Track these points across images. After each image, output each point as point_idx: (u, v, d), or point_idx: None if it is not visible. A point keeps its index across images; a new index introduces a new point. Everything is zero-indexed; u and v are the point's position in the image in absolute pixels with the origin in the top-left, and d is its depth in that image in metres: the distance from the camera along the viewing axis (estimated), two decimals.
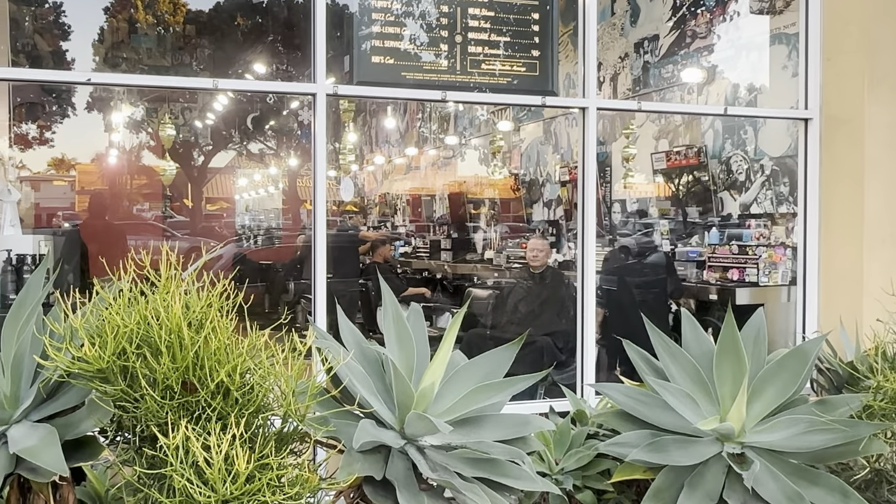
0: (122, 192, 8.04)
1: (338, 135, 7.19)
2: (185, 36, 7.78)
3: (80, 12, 7.91)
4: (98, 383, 2.33)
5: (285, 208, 9.82)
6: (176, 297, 2.37)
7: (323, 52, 3.85)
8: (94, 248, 5.09)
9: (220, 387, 2.30)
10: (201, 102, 8.40)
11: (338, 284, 3.82)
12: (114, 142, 8.19)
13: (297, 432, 2.37)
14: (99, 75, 6.02)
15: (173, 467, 2.10)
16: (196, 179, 9.70)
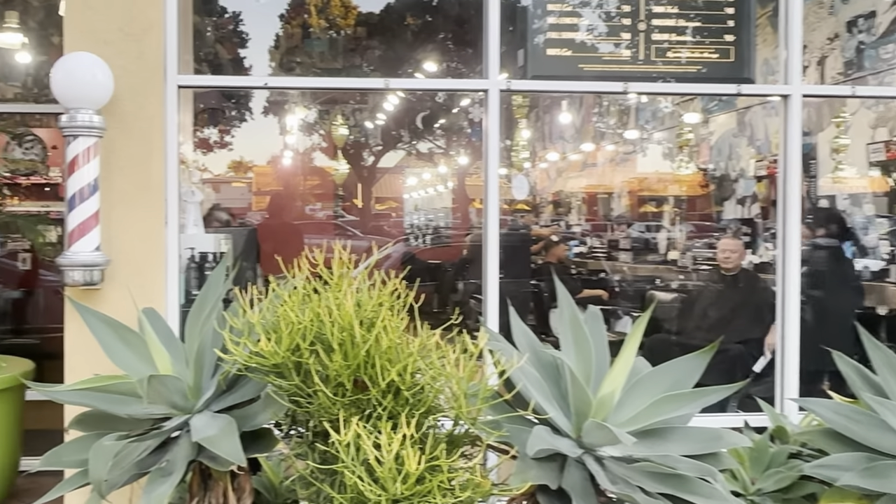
0: (296, 193, 8.57)
1: (510, 131, 7.25)
2: (355, 38, 8.17)
3: (256, 20, 8.51)
4: (273, 378, 2.49)
5: (454, 207, 10.04)
6: (348, 295, 2.47)
7: (496, 47, 3.90)
8: (270, 246, 5.47)
9: (390, 386, 2.37)
10: (372, 103, 8.78)
11: (509, 285, 3.85)
12: (288, 144, 8.76)
13: (468, 435, 2.39)
14: (275, 79, 6.46)
15: (345, 464, 2.19)
16: (366, 179, 10.15)
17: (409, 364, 2.36)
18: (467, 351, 2.46)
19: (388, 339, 2.40)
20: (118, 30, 3.66)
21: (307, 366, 2.42)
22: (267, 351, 2.44)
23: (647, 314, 2.63)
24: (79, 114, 3.40)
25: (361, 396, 2.38)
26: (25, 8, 5.85)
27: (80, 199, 3.44)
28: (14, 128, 6.21)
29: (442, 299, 6.98)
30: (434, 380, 2.39)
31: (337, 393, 2.39)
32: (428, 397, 2.39)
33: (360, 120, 9.10)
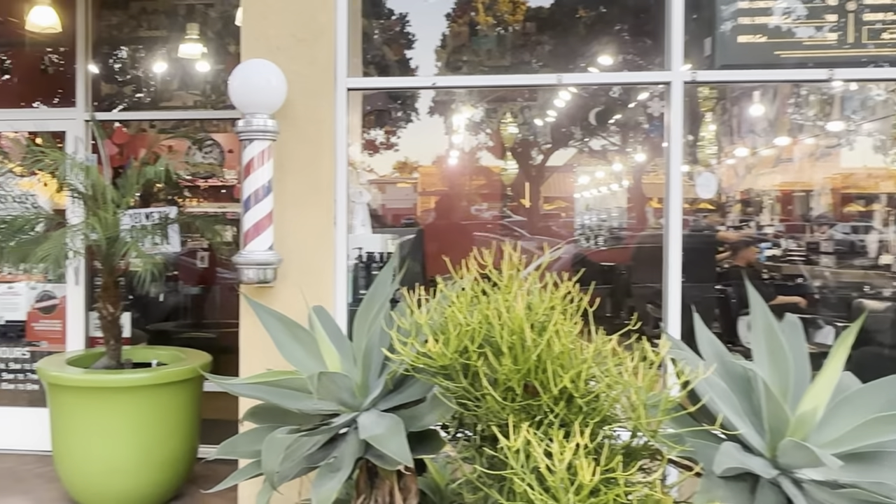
0: (462, 193, 8.71)
1: (693, 126, 7.00)
2: (524, 34, 8.19)
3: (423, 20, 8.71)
4: (441, 379, 2.54)
5: (629, 207, 9.81)
6: (518, 298, 2.47)
7: (680, 37, 3.79)
8: (436, 246, 5.60)
9: (563, 392, 2.35)
10: (541, 100, 8.78)
11: (690, 289, 3.70)
12: (454, 143, 8.93)
13: (647, 448, 2.33)
14: (443, 79, 6.58)
15: (514, 470, 2.19)
16: (534, 178, 10.15)
17: (582, 370, 2.33)
18: (647, 359, 2.39)
19: (560, 343, 2.38)
20: (290, 36, 3.88)
21: (475, 368, 2.45)
22: (434, 352, 2.49)
23: (856, 324, 2.44)
24: (254, 118, 3.63)
25: (532, 402, 2.38)
26: (205, 20, 6.34)
27: (255, 201, 3.66)
28: (194, 133, 6.73)
29: (615, 303, 6.83)
30: (610, 388, 2.34)
31: (506, 397, 2.40)
32: (603, 406, 2.35)
33: (528, 118, 9.11)
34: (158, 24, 6.39)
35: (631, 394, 2.31)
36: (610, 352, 2.44)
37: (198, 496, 4.55)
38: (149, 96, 6.65)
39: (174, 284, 6.44)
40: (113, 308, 4.57)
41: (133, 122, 6.50)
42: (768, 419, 2.33)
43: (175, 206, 5.47)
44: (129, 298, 5.68)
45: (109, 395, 4.27)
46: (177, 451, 4.44)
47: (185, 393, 4.45)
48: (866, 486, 2.23)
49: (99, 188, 4.49)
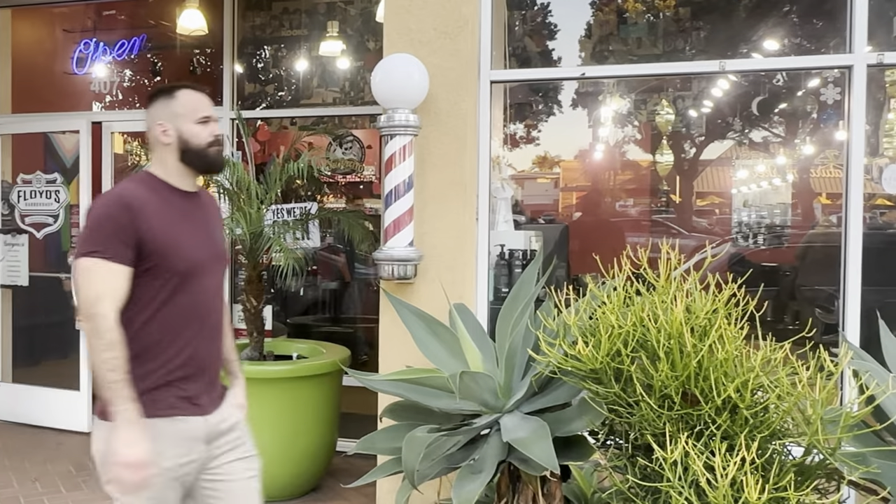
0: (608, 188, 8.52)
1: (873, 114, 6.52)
2: (677, 20, 7.91)
3: (566, 10, 8.59)
4: (590, 383, 2.46)
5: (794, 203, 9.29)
6: (677, 300, 2.36)
7: (863, 16, 3.56)
8: (581, 244, 5.49)
9: (726, 402, 2.23)
10: (695, 90, 8.46)
11: (869, 293, 3.45)
12: (599, 137, 8.74)
13: (822, 466, 2.17)
14: (594, 69, 6.48)
15: (670, 483, 2.08)
16: (686, 173, 9.80)
17: (749, 379, 2.20)
18: (824, 369, 2.22)
19: (724, 350, 2.26)
20: (433, 29, 3.89)
21: (628, 373, 2.36)
22: (584, 355, 2.41)
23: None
24: (396, 113, 3.67)
25: (691, 411, 2.26)
26: (344, 17, 6.48)
27: (395, 196, 3.69)
28: (334, 130, 6.91)
29: (778, 308, 6.47)
30: (781, 399, 2.19)
31: (662, 405, 2.30)
32: (773, 419, 2.21)
33: (681, 108, 8.81)
34: (299, 24, 6.60)
35: (806, 407, 2.16)
36: (781, 360, 2.29)
37: (337, 489, 4.65)
38: (290, 94, 6.88)
39: (313, 279, 6.63)
40: (256, 301, 4.74)
41: (275, 120, 6.74)
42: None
43: (314, 202, 5.62)
44: (271, 292, 5.88)
45: (252, 385, 4.35)
46: (316, 444, 4.56)
47: (325, 386, 4.56)
48: None
49: (244, 184, 4.67)
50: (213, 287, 2.46)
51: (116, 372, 2.14)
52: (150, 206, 2.28)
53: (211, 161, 2.43)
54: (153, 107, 2.44)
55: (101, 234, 2.21)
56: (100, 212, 2.25)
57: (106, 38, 6.64)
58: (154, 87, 2.55)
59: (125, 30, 6.66)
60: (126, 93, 6.95)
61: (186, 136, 2.38)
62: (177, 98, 2.42)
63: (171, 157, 2.39)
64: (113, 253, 2.19)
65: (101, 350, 2.15)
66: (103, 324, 2.16)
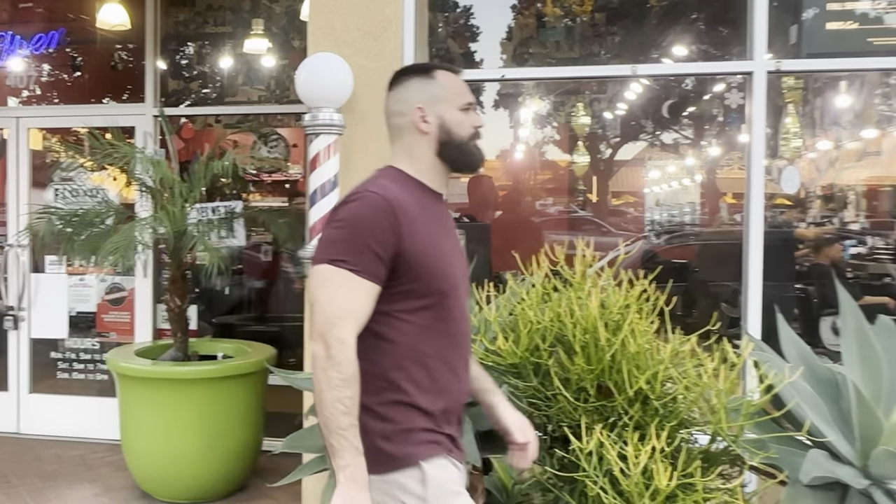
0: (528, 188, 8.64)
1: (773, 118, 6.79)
2: (593, 25, 8.07)
3: (488, 13, 8.67)
4: (510, 378, 2.51)
5: (702, 202, 9.61)
6: (592, 295, 2.43)
7: (763, 24, 3.69)
8: (499, 241, 5.55)
9: (638, 394, 2.30)
10: (610, 93, 8.65)
11: (769, 288, 3.60)
12: (520, 137, 8.86)
13: (727, 454, 2.26)
14: (513, 70, 6.54)
15: (586, 473, 2.15)
16: (602, 173, 10.01)
17: (659, 371, 2.28)
18: (727, 360, 2.32)
19: (636, 343, 2.33)
20: (357, 29, 3.89)
21: (546, 367, 2.41)
22: (504, 350, 2.46)
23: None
24: (320, 112, 3.65)
25: (605, 403, 2.33)
26: (269, 15, 6.41)
27: (321, 195, 3.68)
28: (260, 128, 6.82)
29: (687, 302, 6.69)
30: (688, 390, 2.28)
31: (578, 398, 2.36)
32: (681, 409, 2.30)
33: (597, 111, 9.00)
34: (224, 20, 6.50)
35: (711, 396, 2.25)
36: (688, 353, 2.38)
37: (262, 489, 4.61)
38: (214, 92, 6.76)
39: (239, 278, 6.54)
40: (180, 301, 4.66)
41: (199, 118, 6.62)
42: (859, 426, 2.24)
43: (240, 200, 5.55)
44: (196, 291, 5.79)
45: (176, 386, 4.35)
46: (241, 444, 4.51)
47: (251, 386, 4.51)
48: None
49: (167, 182, 4.58)
50: (466, 310, 2.04)
51: (350, 415, 1.74)
52: (411, 211, 1.85)
53: (472, 156, 2.00)
54: (405, 87, 2.01)
55: (353, 241, 1.77)
56: (356, 212, 1.81)
57: (22, 31, 6.42)
58: (404, 67, 2.09)
59: (43, 23, 6.44)
60: (44, 88, 6.72)
61: (449, 125, 1.95)
62: (436, 79, 1.98)
63: (427, 149, 1.97)
64: (364, 266, 1.77)
65: (337, 386, 1.73)
66: (343, 353, 1.74)
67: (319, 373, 1.75)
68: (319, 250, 1.82)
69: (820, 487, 2.19)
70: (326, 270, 1.77)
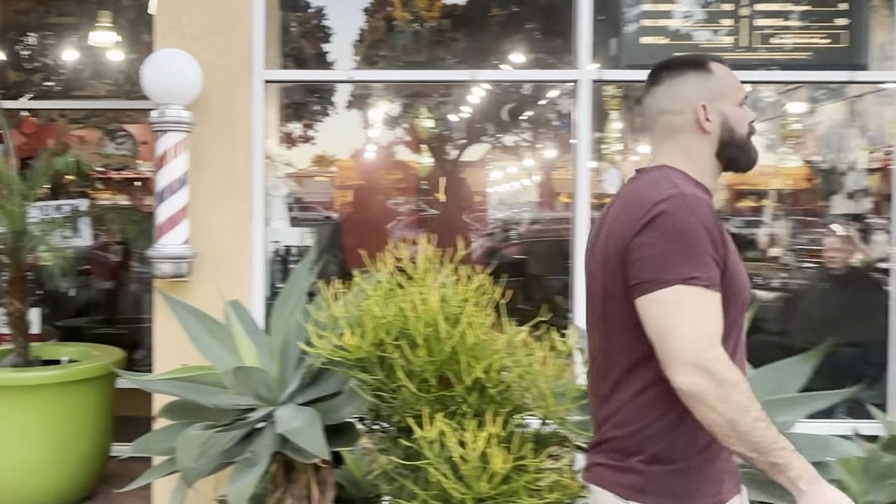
0: (379, 186, 8.67)
1: (600, 123, 7.14)
2: (440, 30, 8.19)
3: (340, 14, 8.63)
4: (357, 372, 2.52)
5: (540, 201, 9.96)
6: (433, 290, 2.48)
7: (587, 36, 3.85)
8: (353, 240, 5.56)
9: (476, 383, 2.37)
10: (456, 96, 8.80)
11: None
12: (371, 138, 8.87)
13: (556, 436, 2.37)
14: (360, 73, 6.54)
15: (429, 460, 2.20)
16: (449, 173, 10.19)
17: (494, 361, 2.35)
18: (555, 349, 2.43)
19: (473, 335, 2.40)
20: (204, 25, 3.77)
21: (391, 361, 2.44)
22: (351, 345, 2.47)
23: (749, 314, 2.54)
24: (168, 109, 3.52)
25: (446, 393, 2.39)
26: (117, 7, 6.11)
27: (169, 193, 3.56)
28: (106, 124, 6.49)
29: (527, 295, 6.94)
30: (521, 378, 2.38)
31: (421, 389, 2.41)
32: (514, 395, 2.38)
33: (443, 113, 9.14)
34: (69, 11, 6.14)
35: (540, 383, 2.35)
36: (521, 342, 2.48)
37: (111, 495, 4.39)
38: (59, 85, 6.39)
39: (86, 279, 6.21)
40: (20, 303, 4.37)
41: (42, 112, 6.22)
42: None
43: (86, 198, 5.27)
44: (39, 294, 5.44)
45: (17, 393, 4.08)
46: (89, 450, 4.28)
47: (97, 390, 4.29)
48: None
49: (4, 179, 4.28)
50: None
51: (770, 425, 1.50)
52: None
53: (751, 154, 1.79)
54: (680, 83, 1.83)
55: (693, 252, 1.53)
56: (683, 219, 1.55)
57: None
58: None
59: None
60: None
61: (731, 123, 1.75)
62: (714, 73, 1.79)
63: (708, 149, 1.75)
64: (711, 278, 1.53)
65: (746, 407, 1.47)
66: (730, 370, 1.48)
67: (718, 404, 1.47)
68: (656, 270, 1.54)
69: None
70: (681, 292, 1.51)
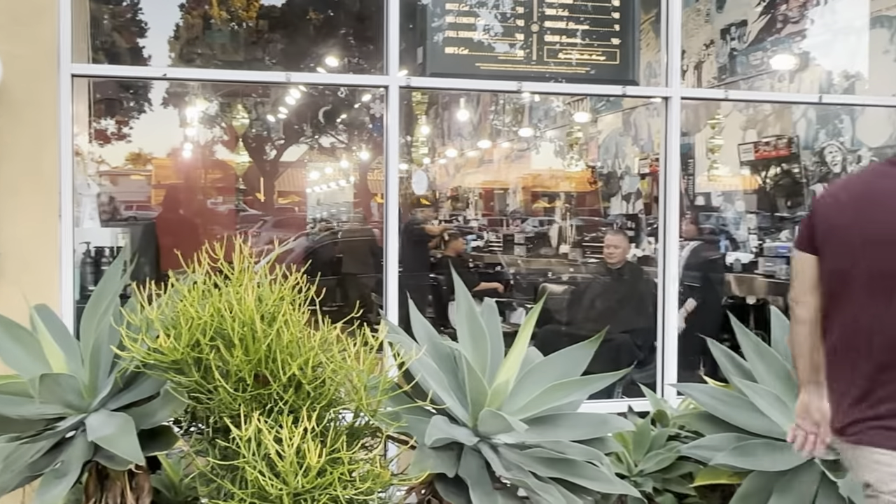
0: (196, 186, 8.31)
1: (410, 127, 7.25)
2: (257, 31, 7.97)
3: (155, 9, 8.18)
4: (173, 374, 2.40)
5: (356, 202, 9.96)
6: (249, 290, 2.41)
7: (396, 45, 3.88)
8: (169, 240, 5.27)
9: (291, 380, 2.33)
10: (274, 97, 8.59)
11: (408, 279, 3.85)
12: (188, 136, 8.47)
13: (368, 427, 2.39)
14: (175, 70, 6.22)
15: (246, 459, 2.14)
16: (268, 173, 9.94)
17: (310, 358, 2.33)
18: (368, 344, 2.45)
19: (289, 333, 2.36)
20: (6, 14, 3.44)
21: (207, 361, 2.35)
22: (166, 347, 2.35)
23: (538, 306, 2.69)
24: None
25: (262, 391, 2.33)
26: None
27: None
28: None
29: (344, 293, 6.93)
30: (335, 373, 2.37)
31: (238, 388, 2.34)
32: (329, 390, 2.37)
33: (262, 113, 8.89)
34: None
35: (353, 377, 2.35)
36: (335, 339, 2.46)
37: None
38: None
39: None
40: None
41: None
42: (470, 392, 2.49)
43: None
44: None
45: None
46: None
47: None
48: (547, 445, 2.47)
49: None
50: None
51: None
52: None
53: None
54: None
55: None
56: None
57: None
58: None
59: None
60: None
61: None
62: None
63: None
64: None
65: None
66: None
67: None
68: None
69: (441, 448, 2.40)
70: None
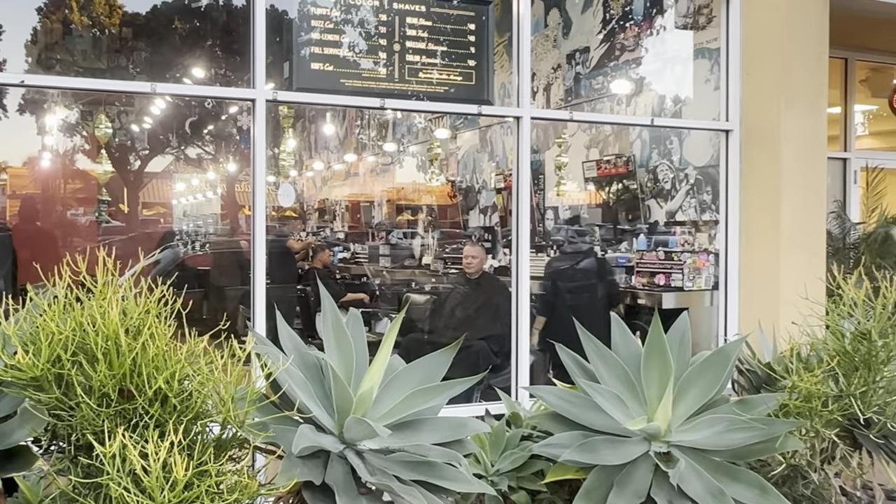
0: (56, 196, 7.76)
1: (277, 140, 7.10)
2: (121, 38, 7.55)
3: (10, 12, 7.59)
4: (32, 391, 2.25)
5: (223, 214, 9.64)
6: (113, 304, 2.31)
7: (262, 58, 3.82)
8: (27, 253, 4.89)
9: (157, 394, 2.25)
10: (138, 106, 8.16)
11: (276, 290, 3.79)
12: (47, 145, 7.88)
13: (236, 438, 2.33)
14: (34, 77, 5.82)
15: (110, 476, 2.04)
16: (132, 184, 9.44)
17: (176, 371, 2.25)
18: (235, 355, 2.40)
19: (154, 346, 2.27)
20: None
21: (69, 377, 2.23)
22: (24, 364, 2.21)
23: (400, 315, 2.73)
24: None
25: (127, 406, 2.23)
26: None
27: None
28: None
29: (211, 306, 6.69)
30: (202, 385, 2.30)
31: (101, 404, 2.23)
32: (196, 403, 2.30)
33: (125, 123, 8.43)
34: None
35: (221, 389, 2.30)
36: (202, 351, 2.40)
37: None
38: None
39: None
40: None
41: None
42: (336, 401, 2.49)
43: None
44: None
45: None
46: None
47: None
48: (409, 449, 2.51)
49: None
50: None
51: None
52: None
53: None
54: None
55: None
56: None
57: None
58: None
59: None
60: None
61: None
62: None
63: None
64: None
65: None
66: None
67: None
68: None
69: (309, 456, 2.38)
70: None
